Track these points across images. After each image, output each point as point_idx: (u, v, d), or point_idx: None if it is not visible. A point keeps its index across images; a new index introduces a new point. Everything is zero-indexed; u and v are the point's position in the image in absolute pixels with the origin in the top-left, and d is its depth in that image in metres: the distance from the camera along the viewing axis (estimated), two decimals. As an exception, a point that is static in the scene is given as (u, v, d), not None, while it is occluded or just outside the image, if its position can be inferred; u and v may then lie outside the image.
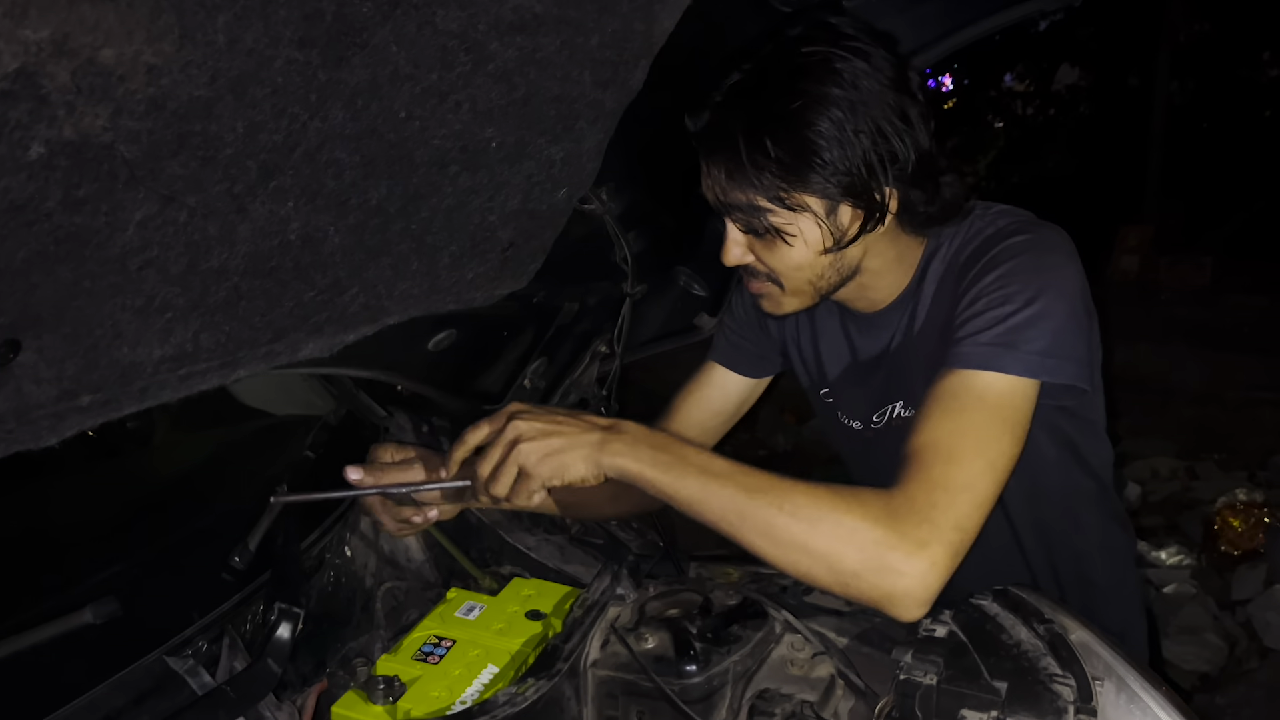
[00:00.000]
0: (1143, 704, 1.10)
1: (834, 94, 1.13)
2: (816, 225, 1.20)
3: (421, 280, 1.08)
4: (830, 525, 1.06)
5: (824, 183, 1.16)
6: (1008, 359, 1.16)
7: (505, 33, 0.90)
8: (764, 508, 1.07)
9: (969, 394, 1.16)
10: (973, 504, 1.10)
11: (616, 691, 1.16)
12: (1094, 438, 1.42)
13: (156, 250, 0.78)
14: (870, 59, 1.15)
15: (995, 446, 1.14)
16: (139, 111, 0.70)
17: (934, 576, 1.06)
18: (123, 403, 0.84)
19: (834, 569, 1.07)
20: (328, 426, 1.54)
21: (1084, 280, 1.24)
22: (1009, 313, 1.17)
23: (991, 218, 1.31)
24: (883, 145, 1.16)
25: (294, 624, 1.11)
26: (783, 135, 1.14)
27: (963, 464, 1.11)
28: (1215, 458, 4.57)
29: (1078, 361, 1.20)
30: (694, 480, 1.10)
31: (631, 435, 1.13)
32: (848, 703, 1.18)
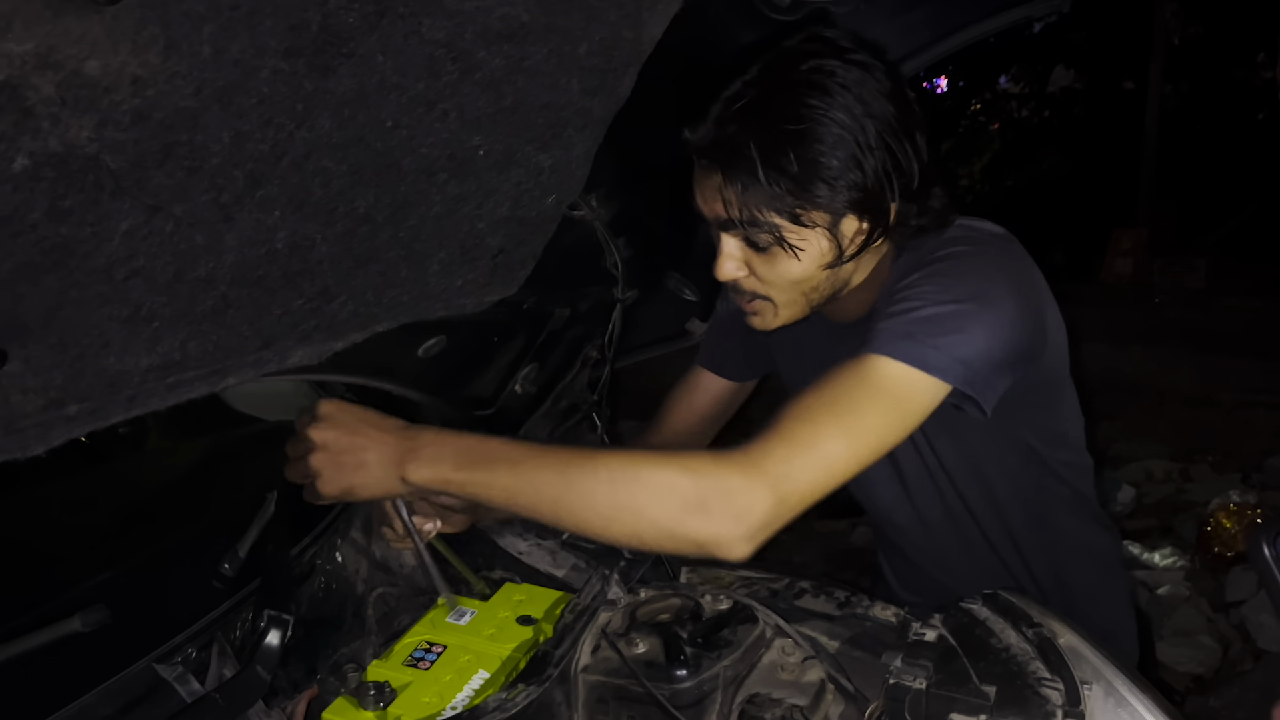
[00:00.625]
0: (1130, 707, 1.10)
1: (844, 109, 1.14)
2: (824, 239, 1.21)
3: (411, 287, 1.08)
4: (648, 480, 1.05)
5: (836, 198, 1.17)
6: (903, 347, 1.15)
7: (492, 41, 0.90)
8: (581, 479, 1.06)
9: (855, 372, 1.15)
10: (810, 460, 1.09)
11: (607, 696, 1.17)
12: (1063, 446, 1.43)
13: (143, 260, 0.78)
14: (872, 72, 1.16)
15: (858, 419, 1.12)
16: (124, 122, 0.70)
17: (756, 514, 1.05)
18: (110, 412, 0.84)
19: (657, 523, 1.06)
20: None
21: (1022, 298, 1.22)
22: (917, 307, 1.17)
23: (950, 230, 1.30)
24: (890, 159, 1.17)
25: (284, 630, 1.11)
26: (798, 152, 1.14)
27: (814, 425, 1.10)
28: (1209, 460, 4.58)
29: (973, 371, 1.17)
30: (504, 474, 1.07)
31: (433, 444, 1.10)
32: (838, 707, 1.19)
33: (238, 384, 0.99)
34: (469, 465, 1.08)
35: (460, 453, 1.09)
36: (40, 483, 1.34)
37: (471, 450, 1.09)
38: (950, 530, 1.48)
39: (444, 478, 1.09)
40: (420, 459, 1.09)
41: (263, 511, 1.30)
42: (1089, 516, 1.53)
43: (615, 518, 1.06)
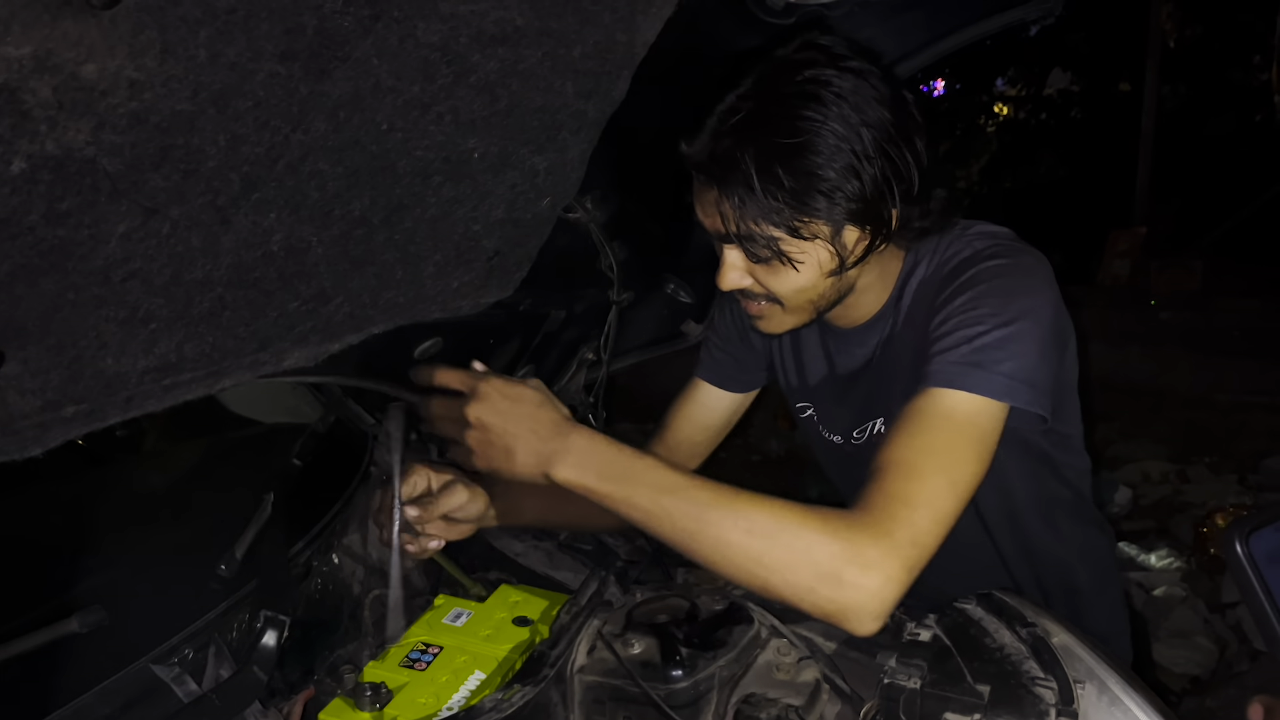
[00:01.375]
0: (1124, 706, 1.10)
1: (841, 119, 1.13)
2: (825, 250, 1.21)
3: (406, 289, 1.09)
4: (787, 540, 1.06)
5: (836, 209, 1.17)
6: (975, 378, 1.17)
7: (487, 45, 0.90)
8: (719, 524, 1.08)
9: (936, 412, 1.17)
10: (931, 519, 1.11)
11: (603, 697, 1.17)
12: (1069, 450, 1.43)
13: (140, 262, 0.78)
14: (867, 78, 1.15)
15: (958, 465, 1.15)
16: (121, 125, 0.71)
17: (889, 591, 1.07)
18: (107, 413, 0.85)
19: (790, 583, 1.07)
20: (315, 435, 1.54)
21: (1058, 307, 1.24)
22: (978, 333, 1.18)
23: (969, 239, 1.31)
24: (889, 167, 1.17)
25: (280, 631, 1.12)
26: (795, 165, 1.14)
27: (924, 480, 1.12)
28: (1206, 461, 4.59)
29: (1037, 389, 1.20)
30: (645, 497, 1.10)
31: (581, 450, 1.12)
32: (833, 707, 1.19)
33: (234, 385, 0.99)
34: (612, 480, 1.11)
35: (606, 465, 1.11)
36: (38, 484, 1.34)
37: (616, 464, 1.12)
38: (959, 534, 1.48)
39: (585, 485, 1.11)
40: (566, 463, 1.12)
41: (259, 513, 1.30)
42: (1091, 520, 1.53)
43: (748, 570, 1.08)
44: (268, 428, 1.71)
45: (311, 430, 1.55)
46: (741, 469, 4.91)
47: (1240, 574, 0.62)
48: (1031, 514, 1.42)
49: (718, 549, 1.08)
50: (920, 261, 1.33)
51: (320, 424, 1.57)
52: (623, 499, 1.10)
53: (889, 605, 1.08)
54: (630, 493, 1.10)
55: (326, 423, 1.59)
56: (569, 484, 1.12)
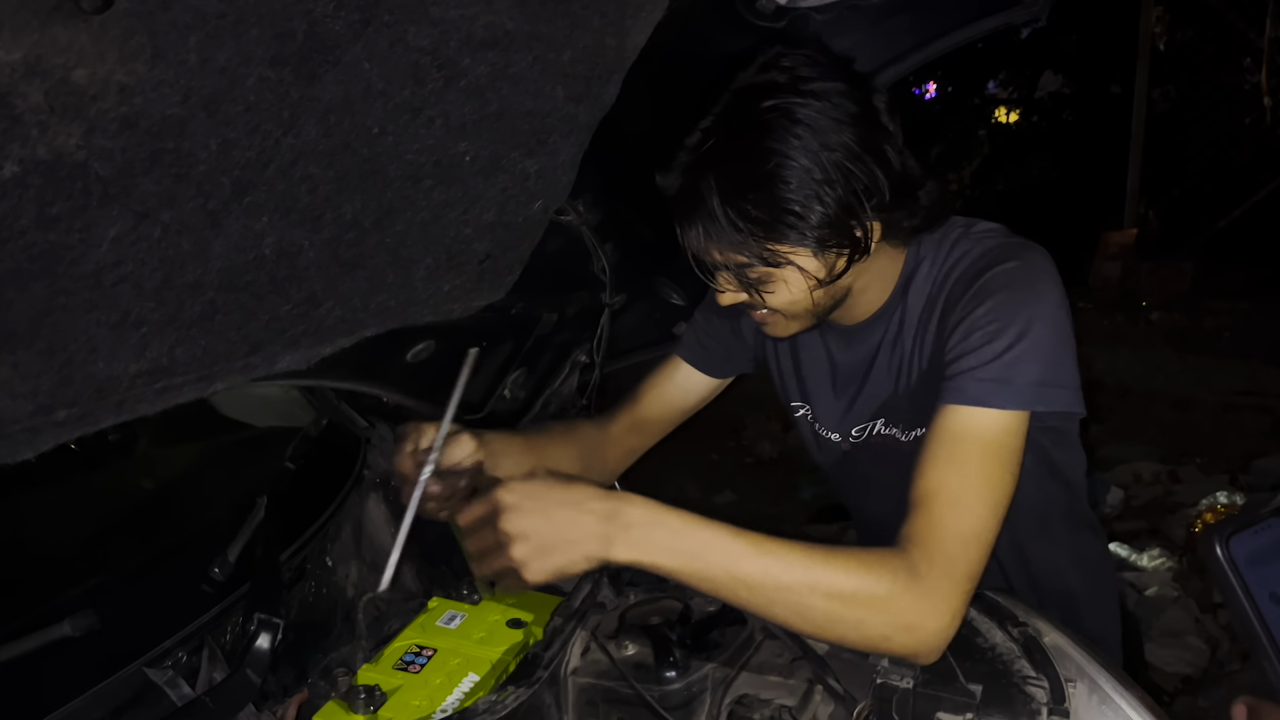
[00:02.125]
0: (1114, 705, 1.11)
1: (800, 147, 1.14)
2: (800, 272, 1.22)
3: (398, 293, 1.09)
4: (863, 599, 1.07)
5: (804, 236, 1.18)
6: (1005, 394, 1.18)
7: (477, 49, 0.91)
8: (796, 592, 1.07)
9: (969, 435, 1.18)
10: (981, 551, 1.14)
11: (597, 699, 1.17)
12: (1069, 449, 1.44)
13: (131, 266, 0.78)
14: (831, 98, 1.15)
15: (998, 489, 1.17)
16: (112, 130, 0.71)
17: (954, 626, 1.11)
18: (99, 417, 0.85)
19: (867, 636, 1.09)
20: (308, 438, 1.54)
21: (1066, 301, 1.25)
22: (1004, 347, 1.19)
23: (976, 237, 1.32)
24: (857, 184, 1.17)
25: (274, 634, 1.12)
26: (757, 198, 1.15)
27: (971, 513, 1.14)
28: (1197, 462, 4.60)
29: (1070, 387, 1.22)
30: (720, 570, 1.07)
31: (642, 525, 1.07)
32: (826, 708, 1.19)
33: (226, 389, 0.99)
34: (681, 556, 1.07)
35: (672, 538, 1.07)
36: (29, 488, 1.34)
37: (681, 539, 1.07)
38: None
39: (654, 564, 1.08)
40: (629, 542, 1.07)
41: (253, 516, 1.30)
42: (1084, 522, 1.54)
43: (827, 629, 1.10)
44: (260, 431, 1.71)
45: (304, 433, 1.55)
46: (735, 472, 4.92)
47: (1221, 577, 0.63)
48: (1029, 516, 1.43)
49: (796, 613, 1.09)
50: (924, 259, 1.34)
51: (313, 427, 1.57)
52: (694, 574, 1.08)
53: (952, 635, 1.12)
54: (702, 568, 1.07)
55: (319, 426, 1.59)
56: (634, 564, 1.08)
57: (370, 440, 1.67)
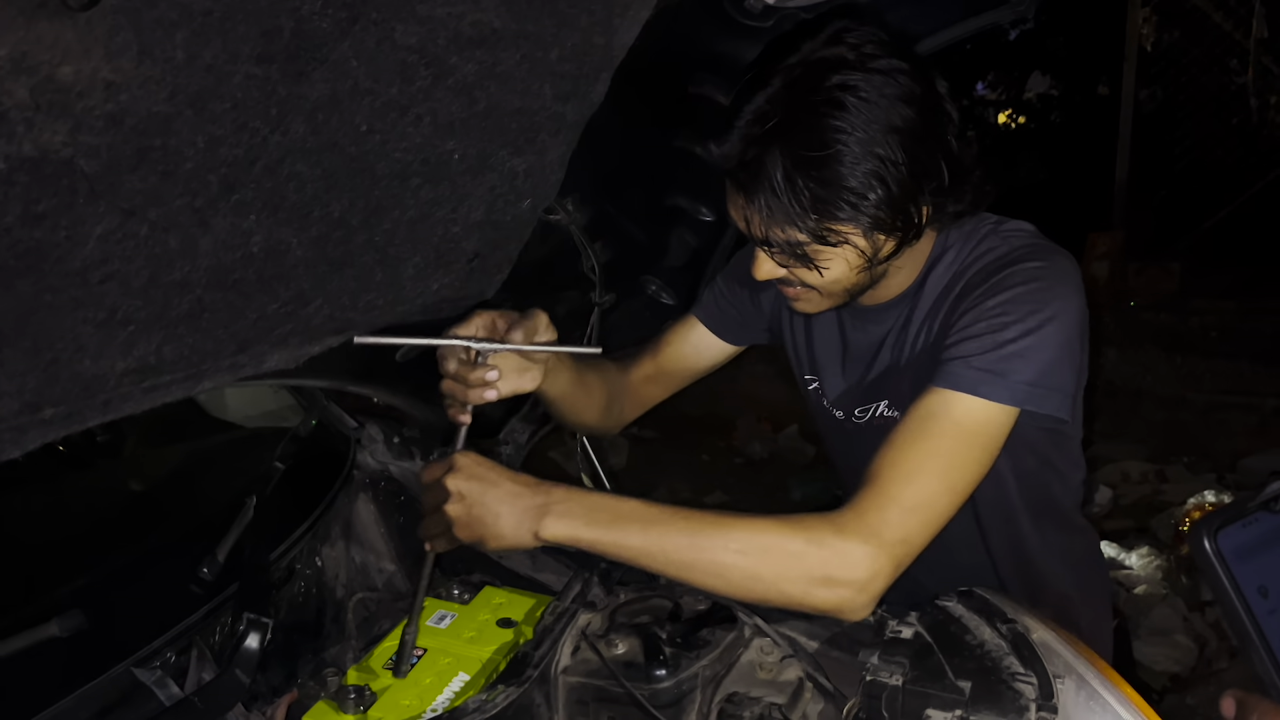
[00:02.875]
0: (1102, 700, 1.11)
1: (866, 126, 1.13)
2: (852, 251, 1.21)
3: (386, 291, 1.09)
4: (777, 554, 1.12)
5: (862, 216, 1.17)
6: (994, 386, 1.18)
7: (464, 47, 0.91)
8: (711, 550, 1.12)
9: (946, 417, 1.18)
10: (923, 522, 1.15)
11: (587, 698, 1.17)
12: (1068, 454, 1.43)
13: (117, 264, 0.78)
14: (895, 78, 1.14)
15: (959, 470, 1.17)
16: (98, 127, 0.71)
17: (877, 583, 1.13)
18: (86, 415, 0.84)
19: (785, 592, 1.13)
20: (297, 438, 1.54)
21: (1085, 311, 1.25)
22: (1005, 340, 1.18)
23: (1005, 235, 1.30)
24: (918, 167, 1.16)
25: (263, 634, 1.11)
26: (821, 175, 1.14)
27: (921, 486, 1.15)
28: (1185, 461, 4.62)
29: (1062, 393, 1.22)
30: (635, 535, 1.13)
31: (565, 501, 1.15)
32: (816, 705, 1.20)
33: (214, 388, 0.99)
34: (600, 525, 1.14)
35: (591, 511, 1.15)
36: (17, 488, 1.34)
37: (602, 509, 1.15)
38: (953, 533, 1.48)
39: (575, 535, 1.14)
40: (553, 515, 1.14)
41: (242, 516, 1.30)
42: (1078, 526, 1.54)
43: (744, 586, 1.14)
44: (250, 431, 1.70)
45: (293, 433, 1.55)
46: (726, 472, 4.92)
47: (1209, 571, 0.63)
48: (1025, 516, 1.43)
49: (714, 572, 1.13)
50: (949, 249, 1.32)
51: (302, 427, 1.57)
52: (613, 541, 1.14)
53: (878, 594, 1.14)
54: (620, 535, 1.13)
55: (308, 426, 1.58)
56: (559, 539, 1.15)
57: (360, 440, 1.66)
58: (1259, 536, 0.64)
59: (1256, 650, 0.62)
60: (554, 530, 1.14)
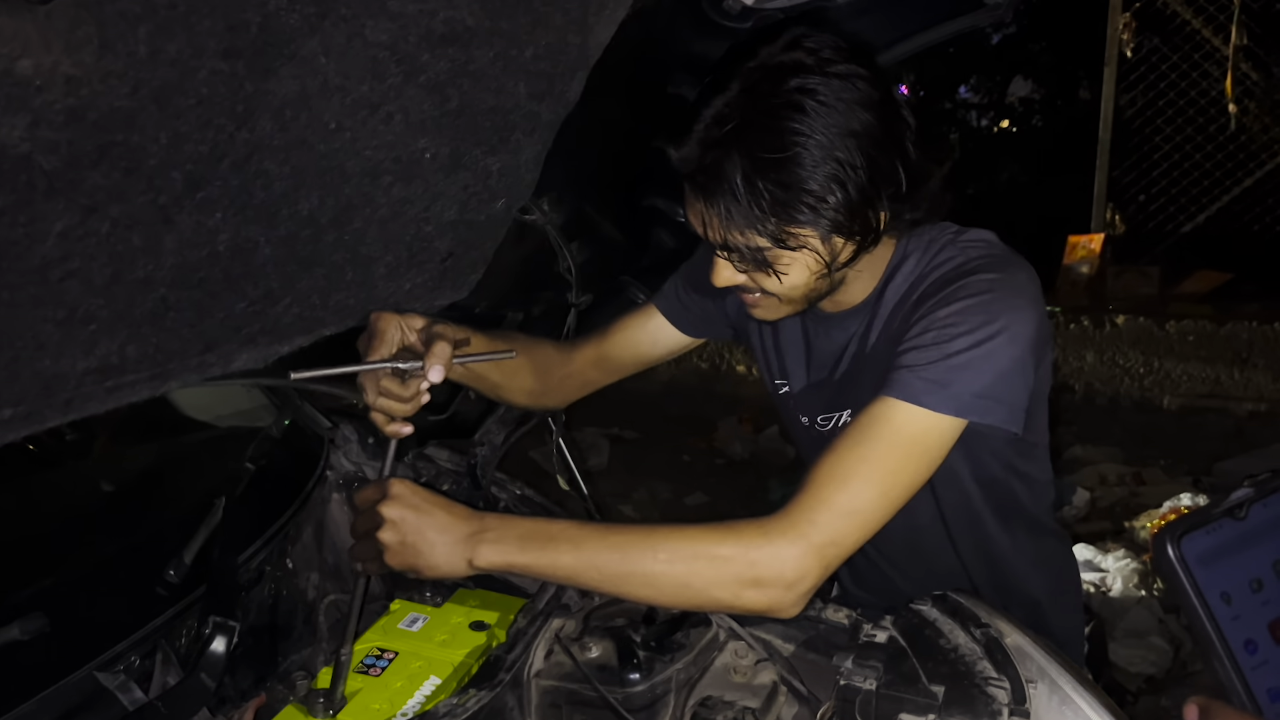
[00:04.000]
0: (1075, 705, 1.12)
1: (825, 130, 1.13)
2: (810, 256, 1.21)
3: (357, 291, 1.08)
4: (705, 560, 1.14)
5: (821, 219, 1.17)
6: (938, 397, 1.17)
7: (436, 44, 0.90)
8: (640, 562, 1.14)
9: (887, 424, 1.18)
10: (855, 526, 1.16)
11: (560, 701, 1.17)
12: (1033, 460, 1.44)
13: (78, 261, 0.77)
14: (854, 83, 1.14)
15: (894, 477, 1.17)
16: (58, 122, 0.69)
17: (805, 583, 1.15)
18: (46, 415, 0.83)
19: (715, 598, 1.15)
20: (269, 438, 1.52)
21: (1041, 321, 1.24)
22: (954, 351, 1.18)
23: (963, 245, 1.30)
24: (875, 173, 1.16)
25: (229, 638, 1.10)
26: (780, 178, 1.14)
27: (855, 491, 1.16)
28: (1161, 464, 4.65)
29: (1010, 406, 1.21)
30: (567, 555, 1.15)
31: (497, 528, 1.17)
32: (790, 709, 1.19)
33: (181, 388, 0.97)
34: (533, 548, 1.16)
35: (523, 536, 1.16)
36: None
37: (534, 534, 1.17)
38: (923, 538, 1.48)
39: (509, 561, 1.16)
40: (486, 542, 1.16)
41: (210, 517, 1.28)
42: (1048, 530, 1.54)
43: (676, 595, 1.16)
44: (222, 431, 1.68)
45: (265, 433, 1.53)
46: (706, 473, 4.92)
47: (1172, 577, 0.63)
48: (992, 520, 1.43)
49: (645, 583, 1.15)
50: (908, 257, 1.32)
51: (275, 427, 1.55)
52: (548, 564, 1.16)
53: (806, 592, 1.16)
54: (553, 556, 1.15)
55: (281, 425, 1.57)
56: (494, 566, 1.17)
57: (334, 440, 1.65)
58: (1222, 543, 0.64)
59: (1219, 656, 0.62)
60: (488, 558, 1.16)
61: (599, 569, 1.15)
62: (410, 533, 1.16)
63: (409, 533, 1.16)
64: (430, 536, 1.16)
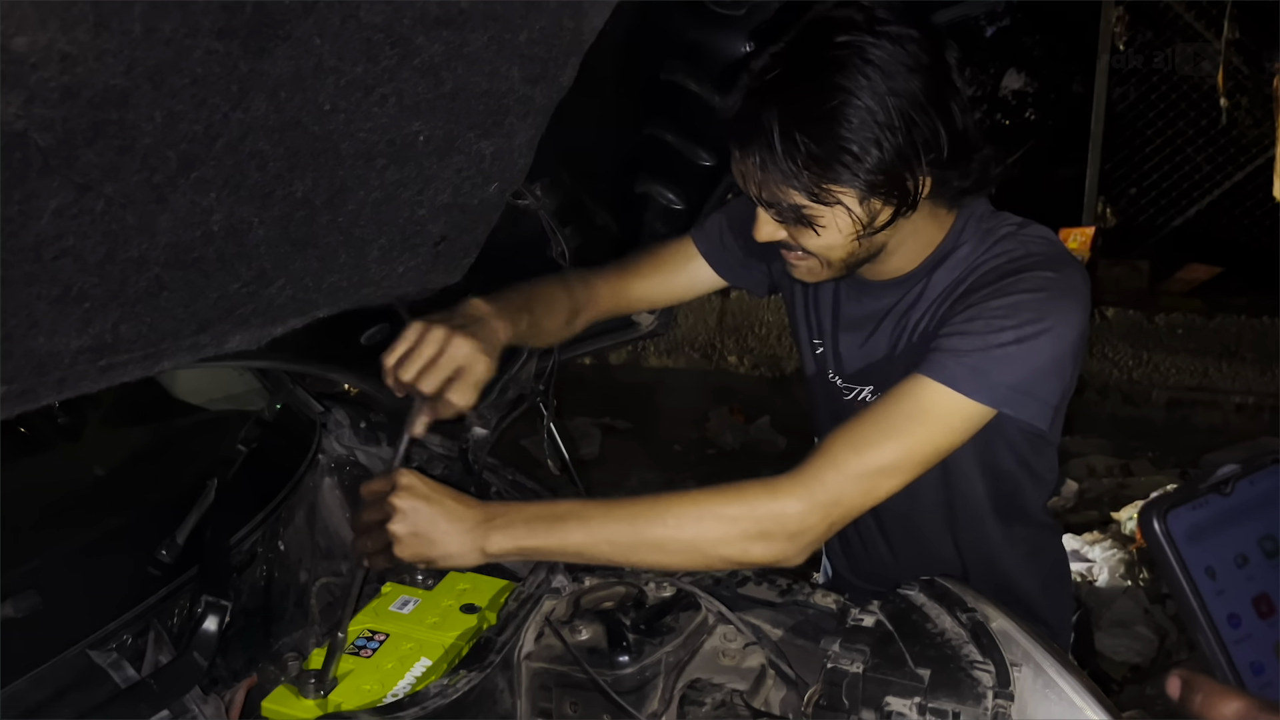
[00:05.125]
0: (1058, 688, 1.13)
1: (868, 88, 1.12)
2: (847, 215, 1.20)
3: (350, 273, 1.08)
4: (712, 520, 1.15)
5: (857, 178, 1.16)
6: (974, 384, 1.17)
7: (431, 27, 0.90)
8: (649, 529, 1.15)
9: (916, 401, 1.18)
10: (861, 491, 1.17)
11: (550, 683, 1.18)
12: (1047, 459, 1.44)
13: (73, 239, 0.77)
14: (904, 44, 1.14)
15: (911, 453, 1.18)
16: (53, 99, 0.69)
17: (808, 536, 1.17)
18: (40, 393, 0.83)
19: (724, 555, 1.17)
20: (262, 421, 1.52)
21: (1086, 327, 1.24)
22: (998, 342, 1.18)
23: (1023, 239, 1.29)
24: (918, 135, 1.15)
25: (221, 617, 1.11)
26: (817, 133, 1.14)
27: (869, 457, 1.17)
28: (1149, 456, 4.68)
29: (1042, 403, 1.21)
30: (576, 532, 1.16)
31: (505, 514, 1.18)
32: (779, 692, 1.20)
33: (174, 368, 0.98)
34: (541, 529, 1.16)
35: (531, 519, 1.17)
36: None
37: (541, 515, 1.18)
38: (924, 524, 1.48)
39: (519, 544, 1.17)
40: (496, 530, 1.16)
41: (203, 498, 1.29)
42: (1045, 524, 1.55)
43: (687, 557, 1.18)
44: (215, 414, 1.69)
45: (257, 416, 1.53)
46: (698, 462, 4.94)
47: (1158, 552, 0.63)
48: (994, 512, 1.43)
49: (657, 548, 1.16)
50: (964, 244, 1.31)
51: (267, 410, 1.56)
52: (558, 543, 1.16)
53: (811, 544, 1.18)
54: (563, 535, 1.16)
55: (274, 409, 1.57)
56: (505, 552, 1.17)
57: (326, 424, 1.65)
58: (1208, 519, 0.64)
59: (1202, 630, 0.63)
60: (499, 544, 1.16)
61: (610, 541, 1.15)
62: (423, 523, 1.16)
63: (421, 523, 1.16)
64: (443, 526, 1.16)
